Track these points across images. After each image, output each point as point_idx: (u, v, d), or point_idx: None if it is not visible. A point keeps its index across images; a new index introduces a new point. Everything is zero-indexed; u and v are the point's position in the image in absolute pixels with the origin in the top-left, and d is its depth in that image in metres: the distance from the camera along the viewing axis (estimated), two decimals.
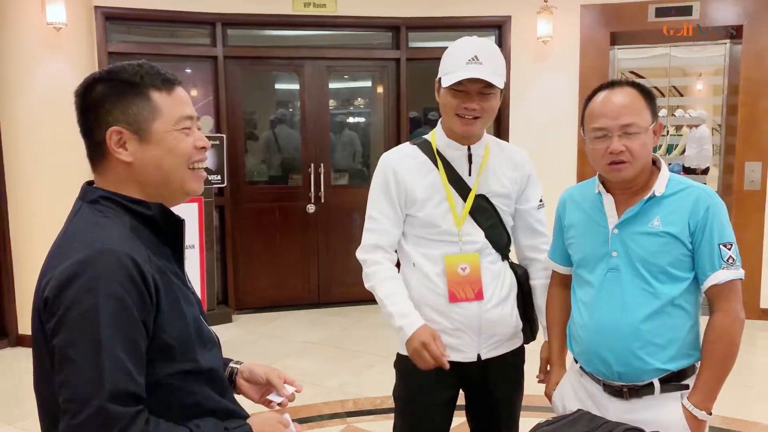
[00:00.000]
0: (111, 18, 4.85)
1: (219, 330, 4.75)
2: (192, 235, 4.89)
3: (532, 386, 2.04)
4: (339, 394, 3.68)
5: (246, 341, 4.73)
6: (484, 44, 1.78)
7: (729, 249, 1.60)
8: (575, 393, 1.78)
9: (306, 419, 3.27)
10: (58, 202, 1.24)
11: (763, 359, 4.32)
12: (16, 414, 3.40)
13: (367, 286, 1.87)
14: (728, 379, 1.62)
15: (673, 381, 1.63)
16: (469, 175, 1.85)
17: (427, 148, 1.86)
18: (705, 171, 8.18)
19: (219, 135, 5.07)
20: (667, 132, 6.89)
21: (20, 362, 4.29)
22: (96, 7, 4.73)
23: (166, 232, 1.19)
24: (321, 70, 5.42)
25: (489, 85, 1.74)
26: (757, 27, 4.79)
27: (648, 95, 1.66)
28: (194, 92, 5.44)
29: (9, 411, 3.48)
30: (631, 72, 7.51)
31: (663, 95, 6.18)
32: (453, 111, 1.77)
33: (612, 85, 1.67)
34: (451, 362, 1.77)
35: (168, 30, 5.21)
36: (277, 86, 6.11)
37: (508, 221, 1.92)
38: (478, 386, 1.94)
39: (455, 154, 1.85)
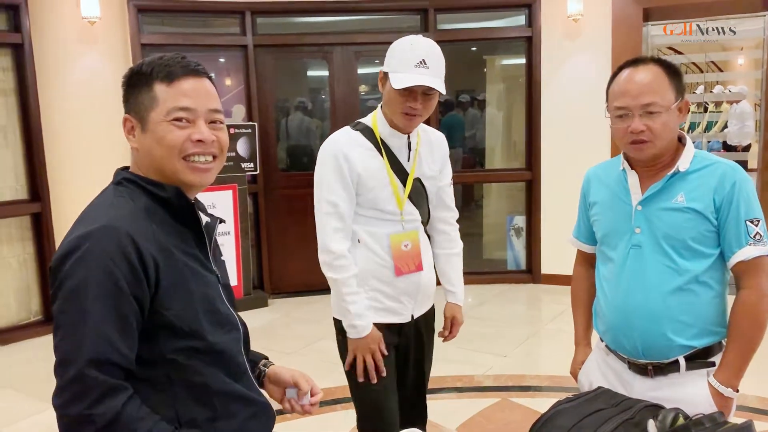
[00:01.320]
0: (143, 10, 4.94)
1: (255, 314, 4.89)
2: (227, 222, 4.98)
3: (555, 366, 2.06)
4: None
5: (282, 324, 4.82)
6: (431, 47, 1.91)
7: (756, 225, 1.58)
8: (601, 371, 1.79)
9: (339, 400, 3.33)
10: (98, 191, 1.28)
11: None
12: None
13: (330, 274, 1.97)
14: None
15: (698, 358, 1.62)
16: (408, 160, 2.01)
17: (370, 135, 1.98)
18: (746, 148, 7.95)
19: (251, 123, 5.14)
20: (706, 109, 6.72)
21: None
22: (129, 0, 4.82)
23: (183, 214, 1.24)
24: (350, 55, 5.43)
25: (432, 87, 1.89)
26: None
27: (672, 72, 1.63)
28: (227, 81, 5.51)
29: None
30: (669, 48, 7.32)
31: (701, 71, 6.03)
32: (399, 109, 1.90)
33: (635, 62, 1.65)
34: (390, 324, 2.02)
35: (199, 20, 5.28)
36: (309, 73, 6.15)
37: (432, 199, 2.11)
38: (407, 343, 2.10)
39: (397, 142, 1.99)
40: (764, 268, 1.59)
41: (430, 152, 2.08)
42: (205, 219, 1.30)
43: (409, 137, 2.00)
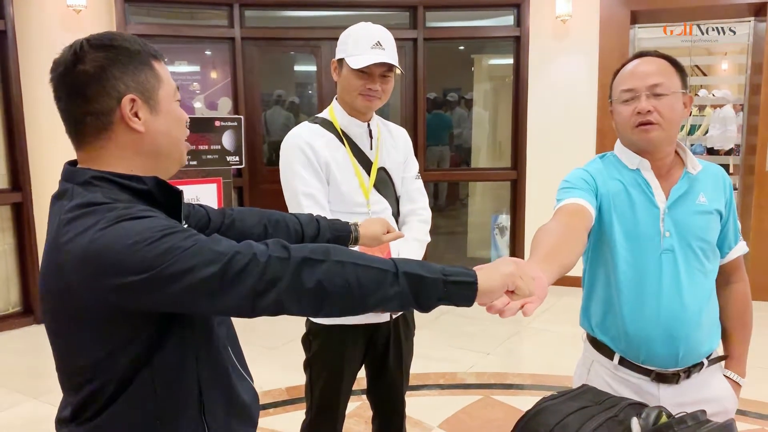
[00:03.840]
0: (130, 0, 4.88)
1: None
2: None
3: (537, 365, 2.06)
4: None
5: (264, 320, 4.77)
6: (384, 30, 1.93)
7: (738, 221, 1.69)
8: (612, 389, 1.62)
9: None
10: None
11: None
12: (41, 388, 3.50)
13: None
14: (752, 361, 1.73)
15: (711, 355, 1.66)
16: (371, 149, 2.00)
17: (330, 127, 1.98)
18: (728, 152, 8.05)
19: (237, 116, 5.10)
20: (690, 112, 6.78)
21: (45, 338, 4.39)
22: None
23: (162, 204, 1.15)
24: None
25: (389, 69, 1.92)
26: None
27: (677, 66, 1.63)
28: (213, 74, 5.47)
29: (35, 385, 3.57)
30: (655, 51, 7.35)
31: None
32: (357, 91, 1.91)
33: (642, 54, 1.65)
34: (366, 324, 1.95)
35: (186, 12, 5.24)
36: (296, 67, 6.12)
37: (399, 190, 2.08)
38: (385, 343, 2.05)
39: (357, 131, 1.98)
40: (742, 259, 1.71)
41: (393, 142, 2.07)
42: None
43: (369, 125, 1.98)
